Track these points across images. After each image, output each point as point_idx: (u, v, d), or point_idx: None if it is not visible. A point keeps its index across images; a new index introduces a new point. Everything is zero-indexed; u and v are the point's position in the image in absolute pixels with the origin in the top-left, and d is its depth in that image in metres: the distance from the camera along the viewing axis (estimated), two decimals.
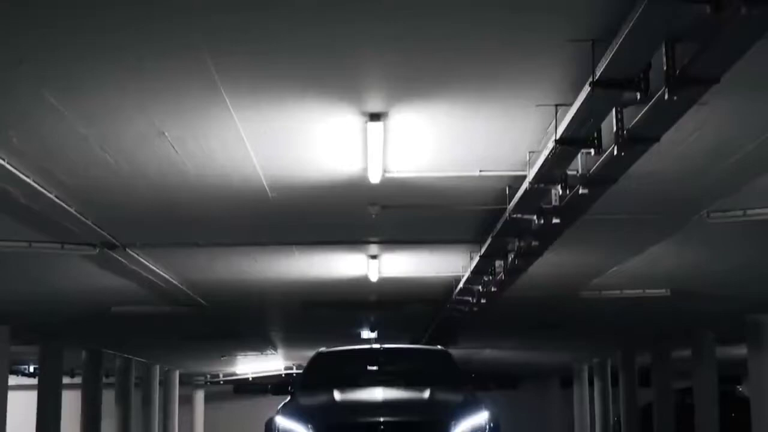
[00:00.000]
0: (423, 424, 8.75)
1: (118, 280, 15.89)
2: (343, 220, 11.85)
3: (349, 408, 9.16)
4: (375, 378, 10.38)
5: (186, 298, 17.96)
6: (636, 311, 20.24)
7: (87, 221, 11.30)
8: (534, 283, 16.13)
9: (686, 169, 9.63)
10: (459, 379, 10.10)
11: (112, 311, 18.96)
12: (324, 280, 16.43)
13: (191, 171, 9.40)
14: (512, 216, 10.11)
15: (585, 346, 30.06)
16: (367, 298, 18.64)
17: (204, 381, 41.07)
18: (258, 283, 16.68)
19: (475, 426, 8.83)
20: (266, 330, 25.02)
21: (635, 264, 15.28)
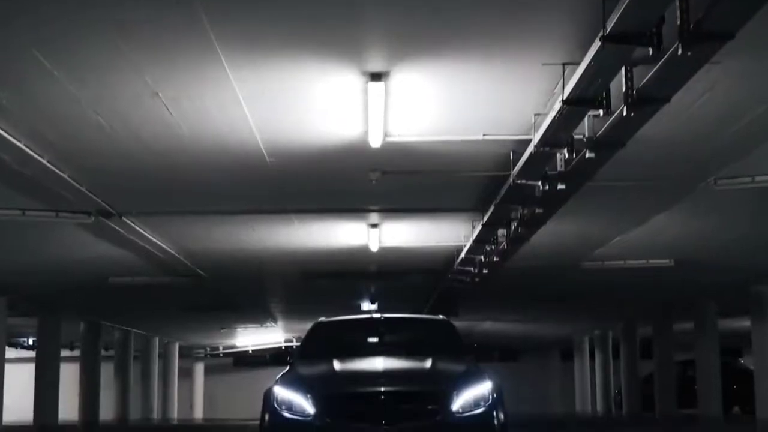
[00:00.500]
0: (424, 393, 8.48)
1: (115, 250, 15.68)
2: (342, 186, 11.60)
3: (349, 378, 8.92)
4: (375, 348, 10.12)
5: (184, 269, 17.74)
6: (639, 282, 20.03)
7: (81, 188, 11.06)
8: (536, 253, 15.91)
9: (695, 133, 9.38)
10: (461, 349, 9.82)
11: (109, 282, 18.74)
12: (324, 249, 16.19)
13: (186, 134, 9.15)
14: (516, 182, 9.87)
15: (586, 318, 29.89)
16: (368, 269, 18.41)
17: (204, 353, 40.95)
18: (257, 253, 16.45)
19: (478, 396, 8.57)
20: (266, 301, 24.80)
21: (639, 234, 15.06)
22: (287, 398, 8.53)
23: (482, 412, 8.48)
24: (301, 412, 8.41)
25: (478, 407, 8.49)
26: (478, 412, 8.46)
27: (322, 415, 8.32)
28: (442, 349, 9.77)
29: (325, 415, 8.31)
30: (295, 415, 8.43)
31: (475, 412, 8.46)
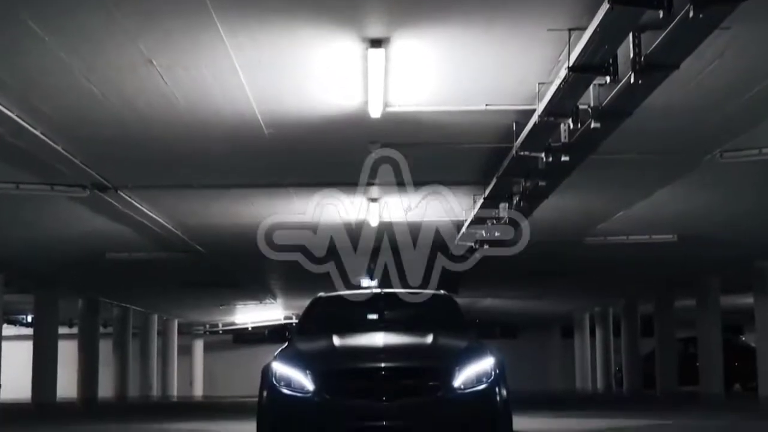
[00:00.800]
0: (425, 369, 8.29)
1: (112, 225, 15.49)
2: (342, 157, 11.35)
3: (348, 353, 8.71)
4: (376, 323, 9.93)
5: (182, 244, 17.55)
6: (641, 258, 19.83)
7: (75, 160, 10.87)
8: (538, 228, 15.67)
9: (703, 103, 9.18)
10: (463, 325, 9.63)
11: (106, 257, 18.55)
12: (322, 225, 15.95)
13: (182, 104, 8.94)
14: (519, 153, 9.67)
15: (587, 295, 29.73)
16: (368, 245, 18.17)
17: (203, 331, 40.84)
18: (255, 228, 16.21)
19: (480, 372, 8.37)
20: (265, 278, 24.61)
21: (642, 208, 14.86)
22: (286, 374, 8.33)
23: (484, 389, 8.27)
24: (300, 388, 8.22)
25: (480, 383, 8.28)
26: (480, 389, 8.26)
27: (321, 391, 8.12)
28: (443, 324, 9.56)
29: (324, 392, 8.11)
30: (293, 392, 8.23)
31: (477, 388, 8.26)
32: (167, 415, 17.30)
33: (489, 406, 8.28)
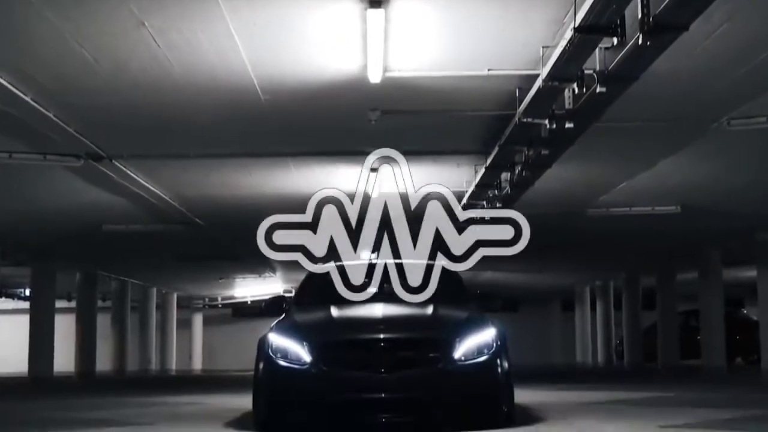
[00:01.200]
0: (425, 341, 8.10)
1: (108, 196, 15.28)
2: (341, 126, 11.15)
3: (346, 324, 8.52)
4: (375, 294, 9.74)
5: (180, 216, 17.34)
6: (644, 230, 19.62)
7: (68, 128, 10.64)
8: (540, 200, 15.49)
9: (710, 68, 8.95)
10: (464, 296, 9.44)
11: (103, 230, 18.34)
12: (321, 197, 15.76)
13: (176, 69, 8.71)
14: (522, 120, 9.45)
15: (588, 268, 29.54)
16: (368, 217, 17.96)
17: (202, 304, 40.70)
18: (253, 199, 16.02)
19: (481, 343, 8.18)
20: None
21: (645, 179, 14.65)
22: (282, 346, 8.14)
23: (485, 360, 8.09)
24: (297, 360, 8.03)
25: (482, 355, 8.10)
26: (481, 360, 8.07)
27: (319, 362, 7.92)
28: (444, 295, 9.36)
29: (322, 363, 7.92)
30: (290, 363, 8.04)
31: (478, 359, 8.07)
32: (165, 389, 17.13)
33: (490, 377, 8.10)
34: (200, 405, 12.04)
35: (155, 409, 11.20)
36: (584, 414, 9.59)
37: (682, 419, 8.67)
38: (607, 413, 9.69)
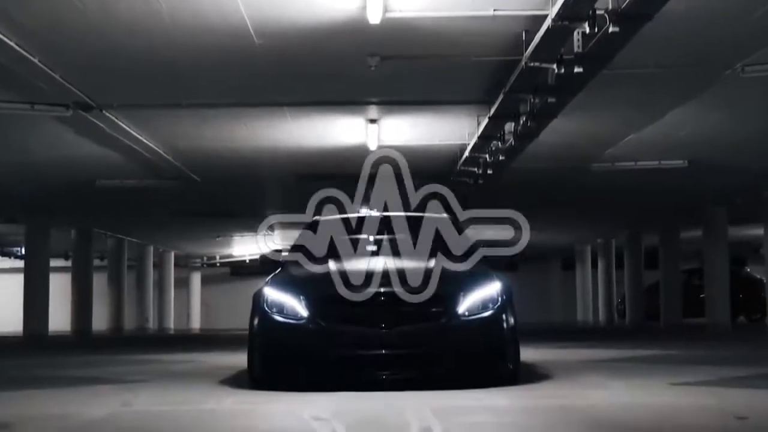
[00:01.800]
0: (428, 294, 7.72)
1: (101, 150, 14.87)
2: (339, 72, 10.69)
3: (345, 278, 8.12)
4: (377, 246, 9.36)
5: (174, 171, 16.93)
6: (649, 186, 19.23)
7: (55, 75, 10.21)
8: (543, 154, 15.14)
9: (727, 7, 8.54)
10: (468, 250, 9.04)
11: (96, 185, 17.93)
12: (320, 149, 15.33)
13: (165, 10, 8.29)
14: (528, 65, 9.03)
15: (591, 225, 29.18)
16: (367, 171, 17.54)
17: (200, 263, 40.43)
18: (250, 153, 15.63)
19: (486, 298, 7.82)
20: (262, 208, 24.00)
21: (653, 132, 14.25)
22: (278, 300, 7.79)
23: (490, 315, 7.74)
24: (293, 314, 7.68)
25: (486, 309, 7.75)
26: (485, 315, 7.73)
27: (316, 317, 7.58)
28: (446, 248, 8.98)
29: (319, 318, 7.58)
30: (286, 318, 7.70)
31: (483, 314, 7.72)
32: (161, 347, 16.83)
33: (495, 333, 7.75)
34: (195, 363, 11.76)
35: (149, 367, 10.94)
36: (590, 371, 9.27)
37: (692, 377, 8.34)
38: (613, 370, 9.37)
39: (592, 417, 5.71)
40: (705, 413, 5.91)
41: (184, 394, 7.50)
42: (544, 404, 6.47)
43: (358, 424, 5.49)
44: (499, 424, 5.50)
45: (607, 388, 7.59)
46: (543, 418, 5.76)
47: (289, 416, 5.91)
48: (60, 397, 7.39)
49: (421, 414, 5.80)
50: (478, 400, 6.67)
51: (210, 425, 5.61)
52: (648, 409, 6.10)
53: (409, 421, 5.54)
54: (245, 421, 5.79)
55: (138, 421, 5.81)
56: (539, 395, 7.07)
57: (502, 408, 6.27)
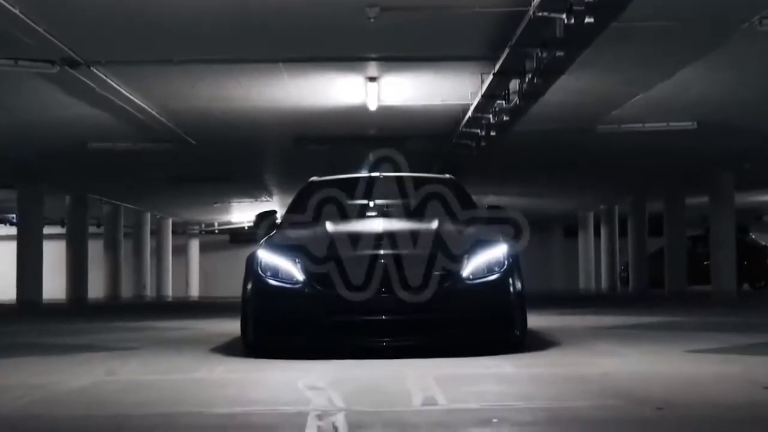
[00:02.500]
0: (431, 257, 7.29)
1: (91, 111, 14.40)
2: (337, 24, 10.17)
3: (343, 240, 7.69)
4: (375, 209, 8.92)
5: (168, 133, 16.46)
6: (656, 149, 18.74)
7: (38, 28, 9.73)
8: (548, 115, 14.67)
9: None
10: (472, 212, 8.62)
11: (88, 147, 17.45)
12: (318, 109, 14.83)
13: None
14: (537, 15, 8.56)
15: (593, 191, 28.74)
16: (366, 133, 17.09)
17: (198, 230, 40.06)
18: (246, 114, 15.14)
19: (492, 260, 7.39)
20: (259, 172, 23.57)
21: (662, 91, 13.77)
22: (273, 263, 7.37)
23: (496, 279, 7.32)
24: (289, 278, 7.26)
25: (492, 273, 7.33)
26: (491, 279, 7.31)
27: (313, 281, 7.16)
28: (449, 210, 8.55)
29: (316, 282, 7.14)
30: (281, 282, 7.28)
31: (489, 278, 7.31)
32: (157, 314, 16.49)
33: (502, 297, 7.35)
34: (190, 330, 11.46)
35: (142, 334, 10.60)
36: (598, 338, 8.89)
37: (705, 344, 7.96)
38: (622, 337, 8.98)
39: (608, 387, 5.30)
40: (728, 383, 5.50)
41: (175, 362, 7.11)
42: (555, 372, 6.06)
43: (357, 393, 5.08)
44: (507, 394, 5.09)
45: (618, 356, 7.18)
46: (555, 387, 5.34)
47: (283, 385, 5.51)
48: (45, 366, 7.02)
49: (424, 383, 5.39)
50: (484, 367, 6.27)
51: (196, 395, 5.20)
52: (666, 379, 5.69)
53: (411, 390, 5.13)
54: (235, 390, 5.38)
55: (119, 392, 5.40)
56: (548, 363, 6.67)
57: (510, 376, 5.87)
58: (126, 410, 4.69)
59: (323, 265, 7.24)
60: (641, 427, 4.14)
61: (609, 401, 4.76)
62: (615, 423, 4.21)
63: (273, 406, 4.70)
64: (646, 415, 4.37)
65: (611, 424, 4.18)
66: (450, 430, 4.09)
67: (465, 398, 4.88)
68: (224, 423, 4.32)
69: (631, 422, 4.23)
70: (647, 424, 4.19)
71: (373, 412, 4.43)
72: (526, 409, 4.53)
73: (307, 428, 4.05)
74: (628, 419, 4.29)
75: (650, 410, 4.45)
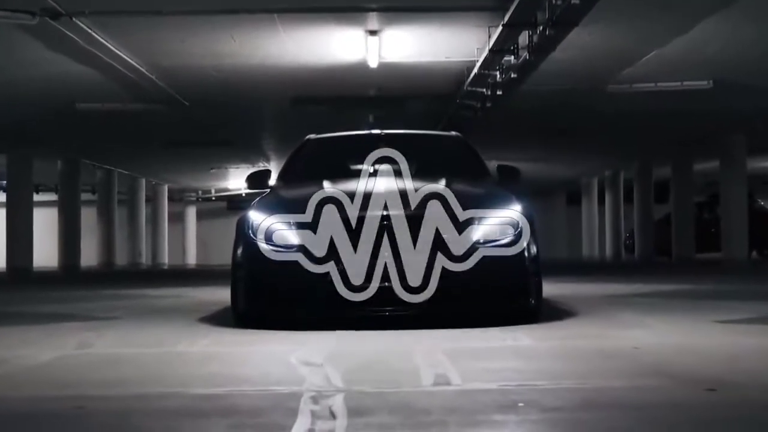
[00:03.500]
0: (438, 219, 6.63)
1: (77, 67, 13.70)
2: None
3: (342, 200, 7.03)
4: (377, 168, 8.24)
5: (160, 94, 15.75)
6: (668, 110, 18.00)
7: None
8: (558, 72, 14.02)
9: None
10: (481, 170, 7.93)
11: (76, 108, 16.74)
12: (316, 66, 14.10)
13: None
14: None
15: (598, 157, 28.03)
16: (366, 93, 16.37)
17: (195, 197, 39.46)
18: (240, 72, 14.43)
19: (505, 222, 6.71)
20: (256, 136, 22.83)
21: (677, 48, 13.12)
22: (266, 226, 6.71)
23: (510, 243, 6.65)
24: (283, 243, 6.60)
25: (506, 236, 6.67)
26: (505, 243, 6.64)
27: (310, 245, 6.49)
28: (457, 169, 7.87)
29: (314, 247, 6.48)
30: (275, 248, 6.61)
31: (501, 242, 6.63)
32: (148, 282, 15.89)
33: (516, 264, 6.67)
34: (180, 298, 10.84)
35: (129, 302, 10.02)
36: (616, 307, 8.26)
37: (732, 314, 7.39)
38: (641, 306, 8.36)
39: (644, 364, 4.65)
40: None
41: (157, 333, 6.49)
42: (579, 346, 5.42)
43: (358, 370, 4.45)
44: (529, 371, 4.43)
45: (644, 327, 6.53)
46: (583, 363, 4.70)
47: (273, 360, 4.87)
48: (16, 336, 6.39)
49: (433, 358, 4.76)
50: (498, 340, 5.64)
51: (174, 372, 4.56)
52: (706, 354, 5.04)
53: (420, 366, 4.49)
54: (219, 366, 4.73)
55: (86, 367, 4.76)
56: (569, 335, 6.02)
57: (529, 350, 5.23)
58: (89, 390, 4.03)
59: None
60: (695, 413, 3.50)
61: (648, 381, 4.10)
62: (661, 407, 3.54)
63: (261, 386, 4.06)
64: (695, 397, 3.73)
65: (657, 409, 3.52)
66: (468, 416, 3.43)
67: (481, 377, 4.24)
68: (203, 407, 3.66)
69: (680, 407, 3.56)
70: (701, 409, 3.54)
71: (377, 393, 3.79)
72: (552, 391, 3.87)
73: (300, 413, 3.40)
74: (676, 403, 3.63)
75: (700, 391, 3.81)
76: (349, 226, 6.57)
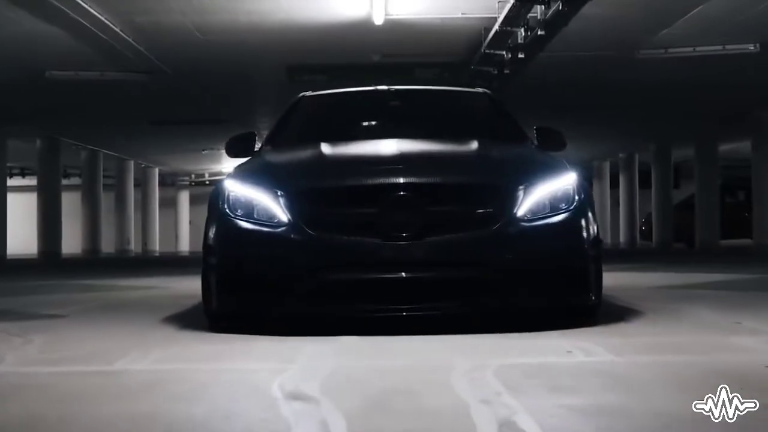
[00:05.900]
0: (470, 188, 4.99)
1: (44, 27, 12.12)
2: None
3: (344, 165, 5.41)
4: (386, 130, 6.61)
5: (140, 60, 14.12)
6: (703, 80, 16.21)
7: None
8: (589, 33, 12.43)
9: None
10: (517, 133, 6.23)
11: (47, 77, 15.06)
12: (315, 25, 12.45)
13: None
14: None
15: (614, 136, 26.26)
16: (369, 60, 14.69)
17: (188, 181, 38.03)
18: (228, 32, 12.83)
19: (558, 194, 5.07)
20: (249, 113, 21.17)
21: (722, 5, 11.48)
22: (245, 198, 5.11)
23: (565, 219, 5.03)
24: (268, 218, 4.99)
25: (558, 212, 5.05)
26: (557, 220, 5.02)
27: (301, 222, 4.87)
28: (488, 132, 6.22)
29: (307, 224, 4.86)
30: (257, 224, 4.99)
31: (554, 219, 5.01)
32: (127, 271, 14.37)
33: (573, 246, 5.06)
34: (155, 290, 9.38)
35: (91, 295, 8.45)
36: (681, 302, 6.64)
37: None
38: (709, 301, 6.75)
39: None
40: None
41: (101, 339, 4.89)
42: (689, 364, 3.76)
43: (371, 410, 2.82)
44: (638, 413, 2.80)
45: (751, 332, 4.88)
46: (718, 395, 3.04)
47: (244, 389, 3.26)
48: None
49: (483, 386, 3.14)
50: (563, 353, 4.04)
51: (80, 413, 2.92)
52: None
53: (467, 403, 2.86)
54: (157, 401, 3.10)
55: None
56: (659, 345, 4.39)
57: (622, 373, 3.56)
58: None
59: (316, 198, 4.97)
60: None
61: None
62: None
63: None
64: None
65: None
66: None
67: (571, 425, 2.61)
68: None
69: None
70: None
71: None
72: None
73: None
74: None
75: None
76: (354, 198, 4.93)
